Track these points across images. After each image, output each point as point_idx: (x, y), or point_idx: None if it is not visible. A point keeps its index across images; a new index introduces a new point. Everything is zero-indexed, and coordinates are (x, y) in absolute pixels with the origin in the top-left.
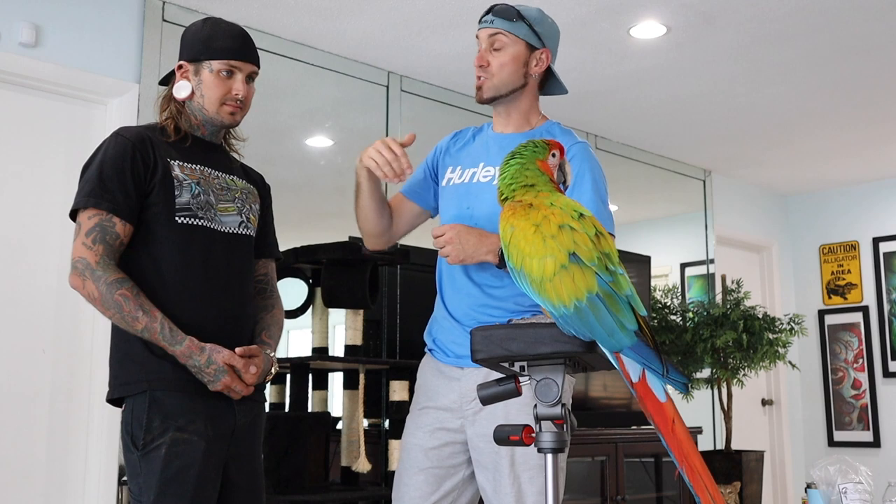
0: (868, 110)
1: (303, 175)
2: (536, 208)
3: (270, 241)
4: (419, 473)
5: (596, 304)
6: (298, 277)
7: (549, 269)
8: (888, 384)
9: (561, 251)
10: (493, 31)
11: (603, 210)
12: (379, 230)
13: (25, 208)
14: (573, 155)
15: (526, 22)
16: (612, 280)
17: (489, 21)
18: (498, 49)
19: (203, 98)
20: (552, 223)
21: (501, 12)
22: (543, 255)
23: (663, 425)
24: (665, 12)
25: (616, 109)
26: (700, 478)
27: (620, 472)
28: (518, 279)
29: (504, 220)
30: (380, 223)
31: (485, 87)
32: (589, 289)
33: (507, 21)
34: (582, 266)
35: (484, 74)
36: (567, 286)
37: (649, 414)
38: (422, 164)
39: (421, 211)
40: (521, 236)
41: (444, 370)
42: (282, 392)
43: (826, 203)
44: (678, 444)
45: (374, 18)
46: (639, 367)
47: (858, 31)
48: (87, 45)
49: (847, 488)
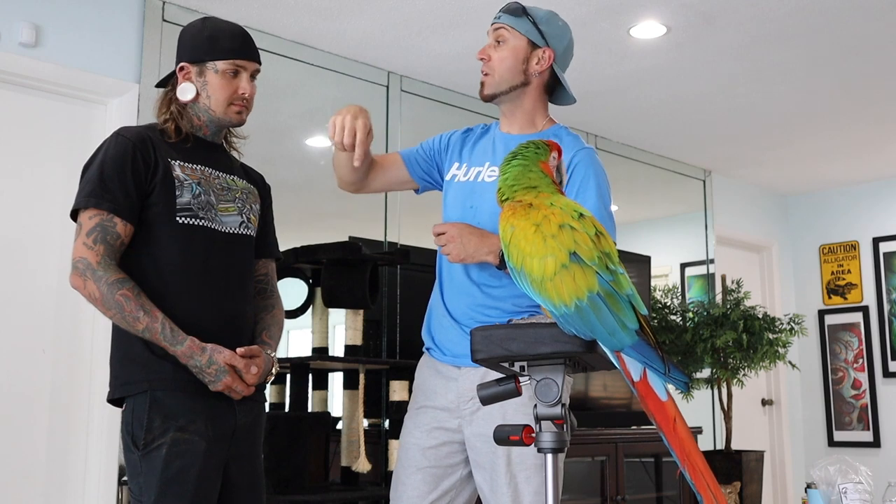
0: (868, 110)
1: (303, 175)
2: (536, 208)
3: (271, 241)
4: (417, 473)
5: (597, 303)
6: (298, 277)
7: (550, 269)
8: (888, 384)
9: (561, 250)
10: (498, 25)
11: (606, 217)
12: (348, 178)
13: (25, 208)
14: (579, 160)
15: (530, 18)
16: (612, 279)
17: (497, 17)
18: (499, 42)
19: (210, 99)
20: (552, 223)
21: (509, 8)
22: (544, 255)
23: (665, 424)
24: (665, 12)
25: (616, 109)
26: (702, 476)
27: (620, 472)
28: (518, 279)
29: (504, 220)
30: (349, 173)
31: (486, 83)
32: (590, 288)
33: (511, 16)
34: (583, 265)
35: (486, 69)
36: (568, 285)
37: (651, 413)
38: (429, 141)
39: (408, 179)
40: (521, 236)
41: (441, 369)
42: (282, 392)
43: (826, 203)
44: (680, 443)
45: (374, 18)
46: (640, 366)
47: (859, 31)
48: (87, 45)
49: (847, 488)
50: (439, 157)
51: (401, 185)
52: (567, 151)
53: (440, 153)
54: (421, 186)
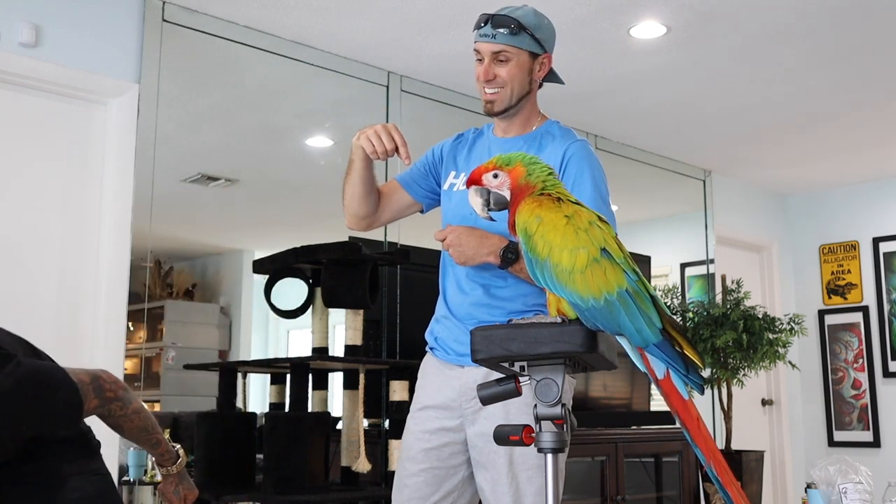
0: (868, 110)
1: (303, 175)
2: (565, 203)
3: None
4: (419, 474)
5: (626, 299)
6: (298, 277)
7: (582, 261)
8: (888, 384)
9: (593, 244)
10: (498, 47)
11: (604, 208)
12: (362, 212)
13: (25, 208)
14: (572, 154)
15: (527, 32)
16: (637, 279)
17: (490, 35)
18: (503, 61)
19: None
20: (583, 218)
21: (501, 24)
22: (576, 247)
23: (690, 422)
24: (665, 12)
25: (616, 109)
26: (727, 473)
27: (620, 472)
28: (539, 271)
29: (528, 212)
30: (364, 205)
31: (497, 101)
32: (619, 284)
33: (510, 36)
34: (612, 262)
35: (493, 87)
36: (598, 278)
37: (675, 410)
38: (422, 158)
39: (412, 202)
40: (550, 227)
41: (444, 368)
42: (282, 392)
43: (826, 203)
44: (705, 441)
45: (374, 18)
46: (663, 365)
47: (859, 31)
48: (87, 45)
49: (847, 488)
50: (435, 171)
51: (407, 209)
52: (559, 145)
53: (435, 166)
54: (425, 205)
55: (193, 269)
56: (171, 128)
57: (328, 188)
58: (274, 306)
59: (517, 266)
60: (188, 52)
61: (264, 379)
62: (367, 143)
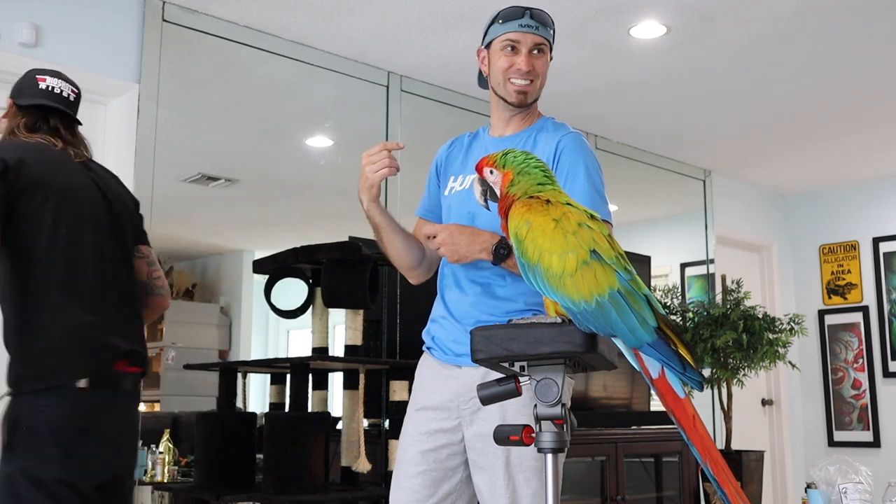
0: (868, 110)
1: (303, 175)
2: (554, 205)
3: None
4: (416, 476)
5: (617, 300)
6: (298, 277)
7: (571, 265)
8: (888, 384)
9: (583, 247)
10: (540, 39)
11: (598, 200)
12: (415, 261)
13: None
14: (565, 146)
15: (553, 29)
16: (630, 278)
17: (533, 27)
18: (539, 53)
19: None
20: (572, 220)
21: (540, 17)
22: (565, 251)
23: (685, 421)
24: (665, 12)
25: (616, 109)
26: (723, 472)
27: (620, 472)
28: (531, 275)
29: (518, 217)
30: (413, 254)
31: (531, 91)
32: (610, 285)
33: (546, 29)
34: (603, 263)
35: (528, 78)
36: (589, 281)
37: (670, 410)
38: (428, 181)
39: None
40: (539, 232)
41: (441, 369)
42: (282, 392)
43: (826, 203)
44: (701, 439)
45: (374, 18)
46: (658, 364)
47: (858, 31)
48: (87, 45)
49: (847, 488)
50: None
51: None
52: (552, 137)
53: (440, 183)
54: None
55: (193, 269)
56: (171, 128)
57: (328, 188)
58: (274, 306)
59: (510, 262)
60: (188, 52)
61: (264, 379)
62: (382, 173)
